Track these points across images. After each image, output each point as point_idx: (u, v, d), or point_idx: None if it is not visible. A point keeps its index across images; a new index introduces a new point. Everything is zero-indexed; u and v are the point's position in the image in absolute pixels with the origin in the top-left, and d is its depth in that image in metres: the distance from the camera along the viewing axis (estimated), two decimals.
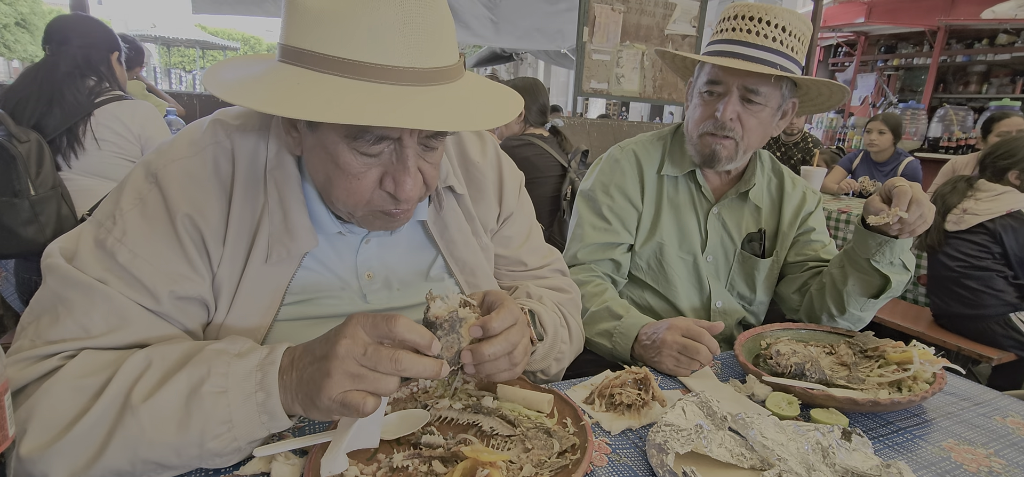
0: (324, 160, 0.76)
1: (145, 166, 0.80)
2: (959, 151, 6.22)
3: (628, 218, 1.43)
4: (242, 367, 0.69)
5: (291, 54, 0.70)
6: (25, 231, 1.79)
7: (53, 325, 0.72)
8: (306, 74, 0.68)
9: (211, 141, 0.81)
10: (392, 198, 0.77)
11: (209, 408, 0.67)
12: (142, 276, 0.74)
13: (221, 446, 0.68)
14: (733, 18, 1.28)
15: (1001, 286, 2.43)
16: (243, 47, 20.91)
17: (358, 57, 0.66)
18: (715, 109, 1.30)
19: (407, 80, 0.68)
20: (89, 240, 0.76)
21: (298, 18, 0.69)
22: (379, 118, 0.64)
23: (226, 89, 0.71)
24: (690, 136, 1.38)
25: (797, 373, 1.01)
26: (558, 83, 14.14)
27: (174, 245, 0.77)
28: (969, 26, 7.22)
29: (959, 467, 0.82)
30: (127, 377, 0.68)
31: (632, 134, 4.95)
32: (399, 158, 0.75)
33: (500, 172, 1.04)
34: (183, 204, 0.77)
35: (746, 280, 1.47)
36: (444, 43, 0.72)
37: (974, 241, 2.48)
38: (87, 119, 2.06)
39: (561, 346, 1.02)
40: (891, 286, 1.23)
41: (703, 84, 1.33)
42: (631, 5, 4.18)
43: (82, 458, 0.65)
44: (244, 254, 0.81)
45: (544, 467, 0.73)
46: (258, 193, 0.81)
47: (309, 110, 0.64)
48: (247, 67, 0.76)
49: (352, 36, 0.66)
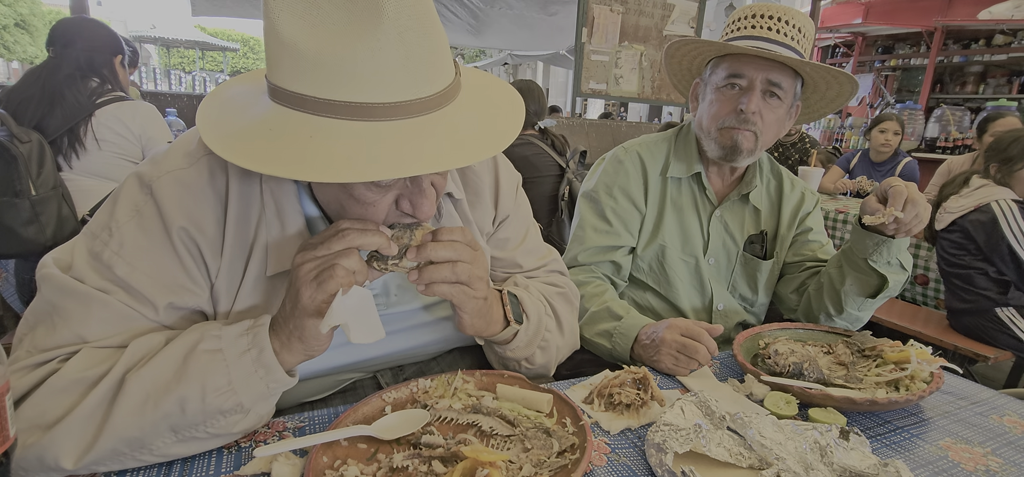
0: (337, 192, 0.77)
1: (139, 177, 0.79)
2: (956, 151, 6.23)
3: (631, 220, 1.42)
4: (233, 329, 0.73)
5: (290, 98, 0.67)
6: (25, 231, 1.80)
7: (49, 335, 0.72)
8: (314, 122, 0.66)
9: (206, 151, 0.80)
10: (407, 215, 0.78)
11: (205, 364, 0.70)
12: (141, 288, 0.75)
13: (223, 402, 0.70)
14: (751, 17, 1.28)
15: (983, 284, 2.43)
16: (243, 48, 20.89)
17: (365, 99, 0.65)
18: (738, 102, 1.29)
19: (415, 111, 0.68)
20: (84, 252, 0.76)
21: (292, 61, 0.65)
22: (403, 169, 0.65)
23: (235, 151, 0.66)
24: (707, 131, 1.36)
25: (795, 373, 1.02)
26: (557, 83, 14.15)
27: (171, 257, 0.77)
28: (966, 27, 7.24)
29: (956, 466, 0.82)
30: (124, 362, 0.70)
31: (631, 134, 4.94)
32: (414, 183, 0.76)
33: (496, 175, 1.04)
34: (179, 216, 0.77)
35: (748, 282, 1.47)
36: (443, 62, 0.71)
37: (951, 239, 2.50)
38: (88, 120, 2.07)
39: (546, 335, 1.00)
40: (888, 286, 1.24)
41: (723, 78, 1.31)
42: (630, 6, 4.19)
43: (88, 433, 0.67)
44: (242, 264, 0.81)
45: (543, 467, 0.73)
46: (254, 203, 0.81)
47: (334, 173, 0.63)
48: (245, 104, 0.73)
49: (356, 79, 0.64)
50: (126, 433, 0.67)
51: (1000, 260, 2.36)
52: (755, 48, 1.25)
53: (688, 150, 1.43)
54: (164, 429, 0.69)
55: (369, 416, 0.83)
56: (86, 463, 0.67)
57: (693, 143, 1.44)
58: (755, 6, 1.29)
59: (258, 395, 0.73)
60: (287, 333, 0.74)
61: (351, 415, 0.81)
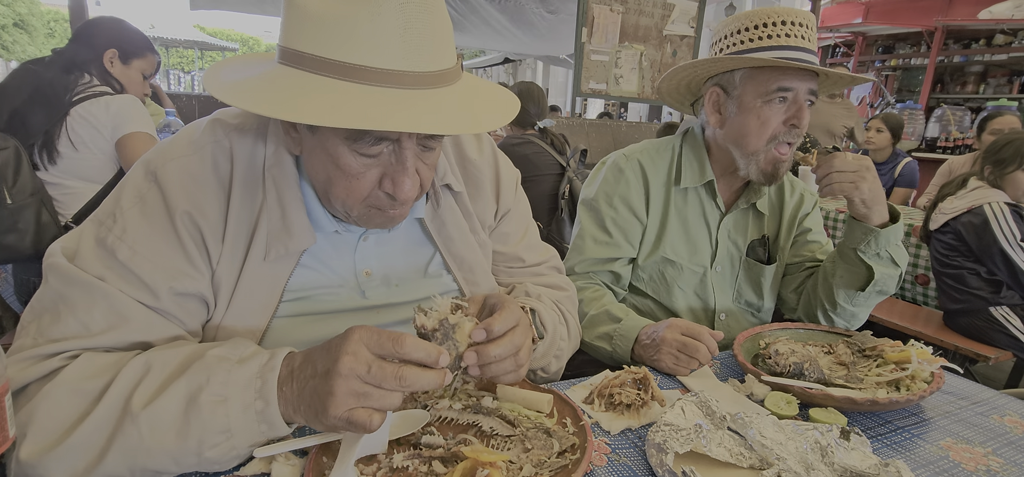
0: (324, 161, 0.76)
1: (145, 165, 0.80)
2: (956, 151, 6.23)
3: (631, 231, 1.39)
4: (242, 375, 0.69)
5: (291, 56, 0.71)
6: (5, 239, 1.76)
7: (54, 323, 0.72)
8: (307, 78, 0.69)
9: (210, 140, 0.81)
10: (390, 198, 0.78)
11: (207, 417, 0.67)
12: (142, 273, 0.75)
13: (219, 455, 0.69)
14: (781, 23, 1.21)
15: (975, 284, 2.44)
16: (242, 48, 20.91)
17: (359, 61, 0.67)
18: (790, 117, 1.24)
19: (407, 84, 0.69)
20: (90, 239, 0.76)
21: (298, 21, 0.69)
22: (381, 122, 0.65)
23: (229, 92, 0.71)
24: (754, 148, 1.26)
25: (796, 373, 1.02)
26: (557, 83, 14.15)
27: (174, 242, 0.77)
28: (966, 26, 7.24)
29: (957, 466, 0.82)
30: (127, 382, 0.68)
31: (631, 134, 4.93)
32: (398, 159, 0.75)
33: (497, 169, 1.05)
34: (182, 202, 0.77)
35: (753, 287, 1.45)
36: (443, 46, 0.72)
37: (944, 240, 2.52)
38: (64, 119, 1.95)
39: (560, 343, 1.02)
40: (875, 278, 1.24)
41: (771, 91, 1.22)
42: (629, 6, 4.18)
43: (82, 463, 0.66)
44: (243, 252, 0.82)
45: (544, 467, 0.73)
46: (256, 191, 0.82)
47: (313, 115, 0.65)
48: (247, 68, 0.77)
49: (353, 40, 0.67)
50: (116, 472, 0.67)
51: (991, 262, 2.37)
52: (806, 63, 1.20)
53: (698, 157, 1.38)
54: (151, 474, 0.68)
55: None
56: None
57: (702, 149, 1.39)
58: (782, 10, 1.22)
59: (253, 441, 0.70)
60: (298, 403, 0.69)
61: None
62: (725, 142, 1.33)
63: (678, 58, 4.49)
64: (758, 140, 1.25)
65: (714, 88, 1.32)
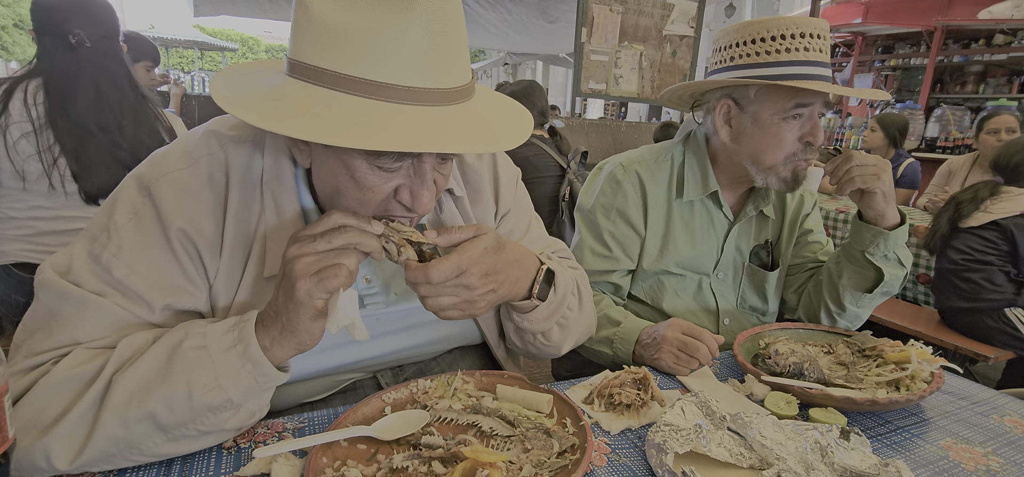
0: (337, 173, 0.74)
1: (137, 179, 0.79)
2: (956, 151, 6.22)
3: (630, 244, 1.36)
4: (218, 326, 0.72)
5: (309, 72, 0.68)
6: None
7: (46, 340, 0.72)
8: (329, 95, 0.66)
9: (205, 152, 0.80)
10: (404, 208, 0.77)
11: (191, 361, 0.69)
12: (140, 291, 0.75)
13: (211, 398, 0.70)
14: (800, 36, 1.17)
15: (1001, 281, 2.45)
16: (242, 48, 20.90)
17: (384, 79, 0.65)
18: (804, 134, 1.22)
19: (431, 100, 0.68)
20: (83, 255, 0.75)
21: (316, 35, 0.66)
22: (419, 144, 0.65)
23: (251, 112, 0.67)
24: (772, 163, 1.24)
25: (795, 372, 1.02)
26: (557, 83, 14.15)
27: (170, 259, 0.77)
28: (966, 26, 7.24)
29: (957, 466, 0.82)
30: (115, 360, 0.70)
31: (630, 135, 4.91)
32: (417, 172, 0.75)
33: (495, 170, 1.05)
34: (177, 218, 0.76)
35: (757, 292, 1.45)
36: (462, 62, 0.72)
37: (983, 237, 2.52)
38: None
39: (567, 312, 0.99)
40: (884, 280, 1.23)
41: (792, 108, 1.19)
42: (629, 6, 4.18)
43: (80, 435, 0.67)
44: (241, 265, 0.81)
45: (544, 467, 0.73)
46: (254, 202, 0.81)
47: (351, 138, 0.63)
48: (256, 79, 0.74)
49: (378, 57, 0.65)
50: (113, 433, 0.67)
51: None
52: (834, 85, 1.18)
53: (702, 167, 1.35)
54: (151, 429, 0.69)
55: (369, 417, 0.82)
56: (79, 464, 0.68)
57: (705, 158, 1.35)
58: (800, 21, 1.17)
59: (247, 390, 0.72)
60: (279, 328, 0.72)
61: (351, 416, 0.81)
62: (738, 156, 1.29)
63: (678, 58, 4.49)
64: (774, 157, 1.23)
65: (726, 101, 1.26)
